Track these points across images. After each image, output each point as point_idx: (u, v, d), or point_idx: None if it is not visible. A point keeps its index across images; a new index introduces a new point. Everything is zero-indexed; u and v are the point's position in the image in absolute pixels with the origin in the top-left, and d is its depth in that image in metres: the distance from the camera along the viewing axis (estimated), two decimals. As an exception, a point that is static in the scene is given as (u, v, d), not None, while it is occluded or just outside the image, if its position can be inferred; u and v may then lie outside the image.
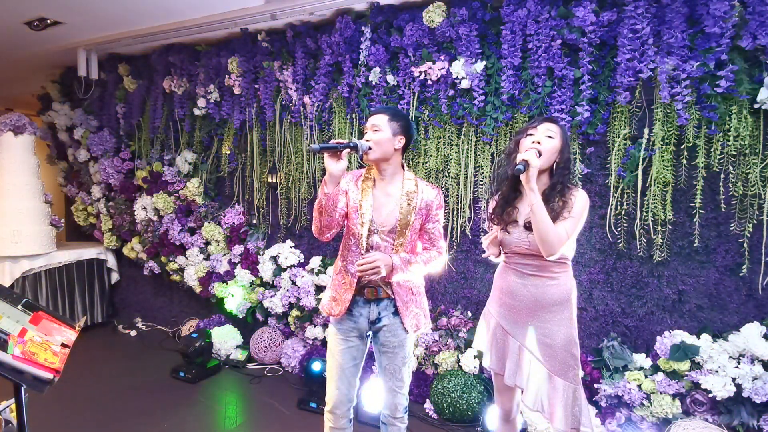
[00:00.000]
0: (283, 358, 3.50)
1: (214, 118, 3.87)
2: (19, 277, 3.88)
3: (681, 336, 2.36)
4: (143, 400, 3.01)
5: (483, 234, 2.84)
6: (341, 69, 3.19)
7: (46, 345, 1.37)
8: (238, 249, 3.77)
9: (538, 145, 1.63)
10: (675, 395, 2.35)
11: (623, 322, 2.59)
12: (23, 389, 1.34)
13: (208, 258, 3.93)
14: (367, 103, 3.14)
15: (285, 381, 3.35)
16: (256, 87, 3.60)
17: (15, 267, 3.87)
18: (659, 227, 2.43)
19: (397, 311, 1.81)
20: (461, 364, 2.81)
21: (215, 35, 3.65)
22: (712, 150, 2.28)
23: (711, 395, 2.23)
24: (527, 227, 1.67)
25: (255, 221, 3.86)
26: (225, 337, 3.71)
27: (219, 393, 3.19)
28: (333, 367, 1.86)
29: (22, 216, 3.87)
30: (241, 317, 3.76)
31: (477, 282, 2.99)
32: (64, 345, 1.42)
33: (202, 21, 3.39)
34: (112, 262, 4.66)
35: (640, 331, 2.55)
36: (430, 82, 2.90)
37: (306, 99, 3.37)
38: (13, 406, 1.91)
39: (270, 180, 3.68)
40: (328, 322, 3.01)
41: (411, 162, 3.07)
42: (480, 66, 2.71)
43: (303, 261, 3.56)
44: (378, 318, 1.82)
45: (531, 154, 1.59)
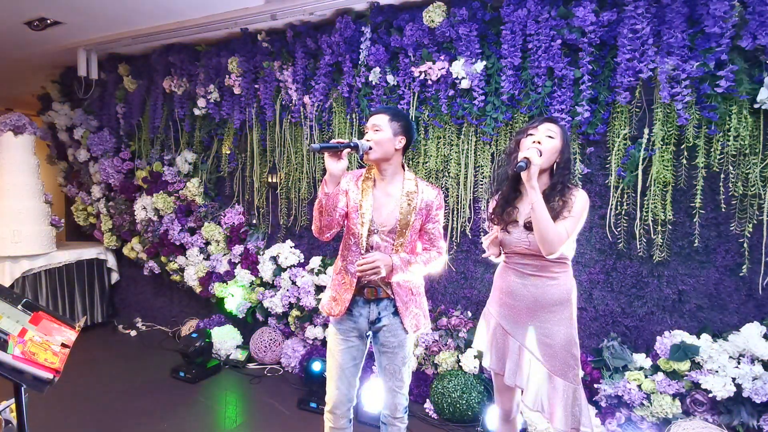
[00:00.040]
0: (283, 358, 3.50)
1: (214, 118, 3.87)
2: (19, 277, 3.88)
3: (681, 336, 2.36)
4: (143, 400, 3.01)
5: (483, 234, 2.84)
6: (341, 69, 3.19)
7: (46, 345, 1.37)
8: (238, 249, 3.77)
9: (538, 145, 1.64)
10: (675, 395, 2.35)
11: (623, 322, 2.59)
12: (23, 389, 1.34)
13: (208, 258, 3.93)
14: (367, 103, 3.14)
15: (285, 381, 3.35)
16: (256, 87, 3.60)
17: (15, 267, 3.87)
18: (659, 227, 2.43)
19: (397, 311, 1.81)
20: (461, 364, 2.81)
21: (215, 35, 3.65)
22: (712, 150, 2.28)
23: (711, 395, 2.23)
24: (527, 227, 1.68)
25: (255, 221, 3.86)
26: (225, 337, 3.71)
27: (219, 393, 3.19)
28: (333, 367, 1.86)
29: (22, 216, 3.87)
30: (241, 317, 3.76)
31: (477, 282, 2.99)
32: (64, 345, 1.42)
33: (202, 21, 3.39)
34: (112, 262, 4.66)
35: (640, 331, 2.55)
36: (430, 82, 2.90)
37: (306, 99, 3.37)
38: (13, 406, 1.92)
39: (270, 180, 3.68)
40: (328, 322, 3.01)
41: (411, 162, 3.07)
42: (480, 66, 2.71)
43: (303, 261, 3.56)
44: (378, 318, 1.82)
45: (533, 152, 1.59)
